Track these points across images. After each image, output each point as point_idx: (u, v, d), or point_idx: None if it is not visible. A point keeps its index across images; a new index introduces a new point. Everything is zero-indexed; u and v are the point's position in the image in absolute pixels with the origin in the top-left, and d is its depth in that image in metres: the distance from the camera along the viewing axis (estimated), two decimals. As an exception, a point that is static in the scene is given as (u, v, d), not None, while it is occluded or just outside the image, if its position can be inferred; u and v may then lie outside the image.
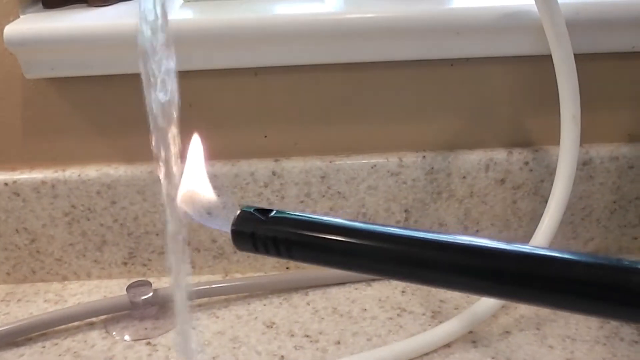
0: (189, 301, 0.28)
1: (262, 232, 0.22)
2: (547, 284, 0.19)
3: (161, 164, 0.25)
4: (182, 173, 0.25)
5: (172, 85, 0.25)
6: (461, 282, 0.21)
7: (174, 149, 0.25)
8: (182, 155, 0.26)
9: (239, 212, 0.23)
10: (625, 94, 0.47)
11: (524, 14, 0.42)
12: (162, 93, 0.25)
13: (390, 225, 0.22)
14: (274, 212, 0.22)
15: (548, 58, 0.41)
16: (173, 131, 0.25)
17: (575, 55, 0.41)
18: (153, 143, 0.25)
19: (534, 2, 0.40)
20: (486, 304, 0.44)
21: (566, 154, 0.42)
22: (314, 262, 0.23)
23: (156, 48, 0.24)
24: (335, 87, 0.46)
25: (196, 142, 0.26)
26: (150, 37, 0.24)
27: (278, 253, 0.22)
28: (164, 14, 0.24)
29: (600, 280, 0.18)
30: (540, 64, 0.44)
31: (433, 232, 0.21)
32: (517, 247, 0.20)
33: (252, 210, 0.23)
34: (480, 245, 0.20)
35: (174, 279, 0.28)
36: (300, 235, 0.22)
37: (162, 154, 0.25)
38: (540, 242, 0.43)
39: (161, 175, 0.25)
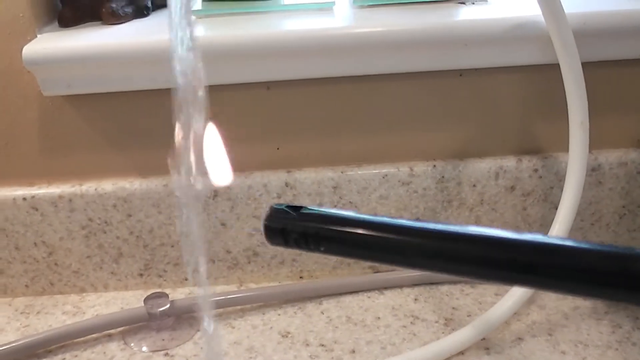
0: (210, 301, 0.29)
1: (293, 227, 0.23)
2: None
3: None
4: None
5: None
6: (484, 273, 0.21)
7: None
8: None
9: (270, 208, 0.24)
10: (633, 100, 0.48)
11: (531, 24, 0.43)
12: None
13: (414, 219, 0.23)
14: (304, 208, 0.23)
15: (556, 66, 0.41)
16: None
17: (583, 63, 0.42)
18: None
19: (540, 13, 0.40)
20: (499, 310, 0.44)
21: (575, 161, 0.43)
22: (342, 255, 0.24)
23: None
24: (346, 99, 0.47)
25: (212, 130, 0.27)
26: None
27: (308, 247, 0.23)
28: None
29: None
30: (549, 73, 0.45)
31: (454, 224, 0.22)
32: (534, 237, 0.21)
33: (283, 207, 0.24)
34: (501, 237, 0.21)
35: (194, 279, 0.28)
36: (329, 230, 0.23)
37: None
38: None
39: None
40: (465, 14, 0.44)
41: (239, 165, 0.49)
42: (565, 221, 0.44)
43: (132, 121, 0.47)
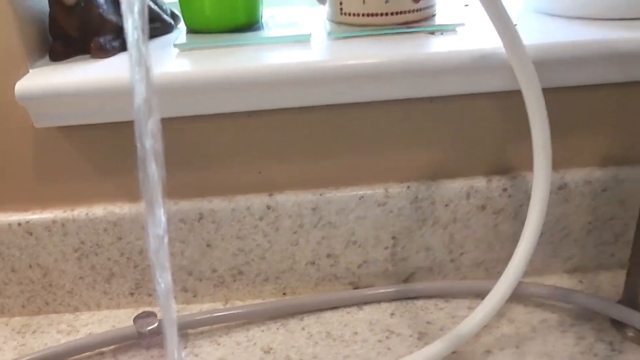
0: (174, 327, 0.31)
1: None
2: None
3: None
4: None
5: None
6: None
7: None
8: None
9: None
10: (597, 122, 0.50)
11: (496, 55, 0.45)
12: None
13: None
14: None
15: (521, 93, 0.44)
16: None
17: (548, 88, 0.45)
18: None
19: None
20: (469, 324, 0.47)
21: (539, 184, 0.45)
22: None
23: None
24: (323, 126, 0.49)
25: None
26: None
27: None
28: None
29: None
30: (514, 98, 0.47)
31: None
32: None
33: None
34: None
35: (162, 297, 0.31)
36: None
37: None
38: (518, 263, 0.46)
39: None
40: (434, 45, 0.47)
41: (223, 189, 0.51)
42: (531, 239, 0.46)
43: (120, 150, 0.49)
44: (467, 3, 0.57)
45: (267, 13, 0.57)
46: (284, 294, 0.55)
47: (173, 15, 0.55)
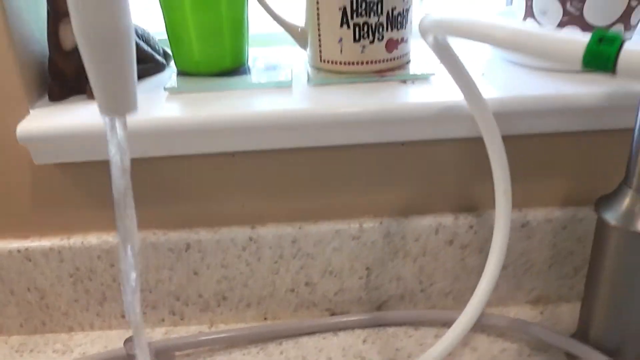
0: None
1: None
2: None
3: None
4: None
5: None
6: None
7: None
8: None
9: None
10: (557, 166, 0.54)
11: (461, 107, 0.49)
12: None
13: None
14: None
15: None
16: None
17: (511, 136, 0.49)
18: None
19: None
20: (434, 352, 0.51)
21: (500, 226, 0.49)
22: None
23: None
24: (303, 166, 0.53)
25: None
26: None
27: None
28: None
29: None
30: (480, 144, 0.51)
31: None
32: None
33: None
34: None
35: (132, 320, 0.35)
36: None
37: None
38: (480, 297, 0.50)
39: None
40: (406, 95, 0.50)
41: (209, 221, 0.55)
42: (492, 275, 0.50)
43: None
44: (442, 47, 0.61)
45: (254, 53, 0.60)
46: (265, 318, 0.58)
47: (165, 55, 0.59)
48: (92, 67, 0.29)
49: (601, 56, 0.28)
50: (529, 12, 0.55)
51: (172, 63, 0.60)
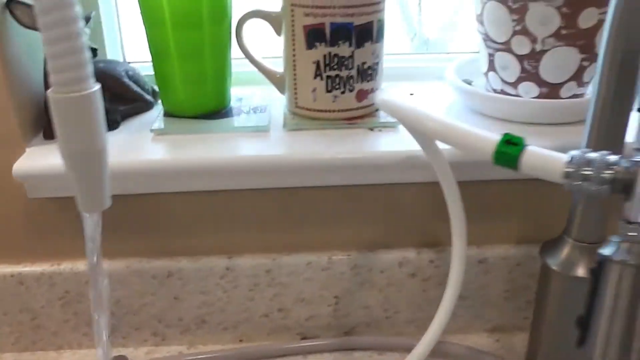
0: None
1: None
2: None
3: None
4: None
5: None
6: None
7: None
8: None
9: None
10: (512, 208, 0.59)
11: (422, 155, 0.53)
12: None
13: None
14: None
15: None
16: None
17: (469, 181, 0.53)
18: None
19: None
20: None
21: (456, 262, 0.53)
22: None
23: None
24: (277, 204, 0.57)
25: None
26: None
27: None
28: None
29: None
30: (439, 187, 0.55)
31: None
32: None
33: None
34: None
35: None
36: None
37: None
38: (438, 324, 0.54)
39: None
40: (373, 142, 0.55)
41: (189, 252, 0.59)
42: (448, 308, 0.54)
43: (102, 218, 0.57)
44: (413, 92, 0.65)
45: (240, 93, 0.64)
46: (240, 340, 0.63)
47: (154, 93, 0.63)
48: (72, 175, 0.35)
49: (507, 156, 0.33)
50: (492, 67, 0.59)
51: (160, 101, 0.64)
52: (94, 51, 0.52)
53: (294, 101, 0.58)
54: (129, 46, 0.72)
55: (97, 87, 0.35)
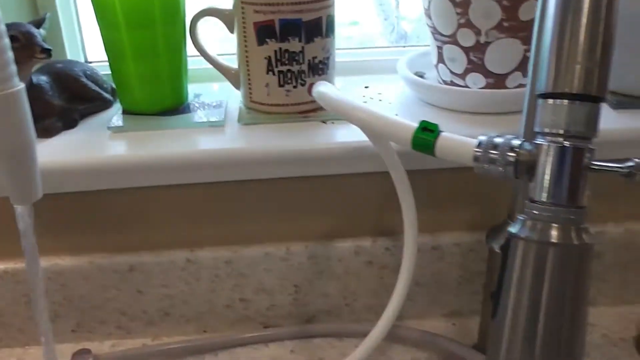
0: None
1: None
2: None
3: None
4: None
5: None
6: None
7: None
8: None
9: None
10: (463, 196, 0.61)
11: (372, 146, 0.55)
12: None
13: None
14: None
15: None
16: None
17: (422, 170, 0.55)
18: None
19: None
20: (352, 362, 0.57)
21: (408, 249, 0.55)
22: None
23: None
24: (235, 196, 0.59)
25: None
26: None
27: None
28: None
29: None
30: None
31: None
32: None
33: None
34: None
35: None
36: None
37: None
38: (392, 309, 0.56)
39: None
40: (326, 134, 0.57)
41: (152, 245, 0.61)
42: (401, 293, 0.56)
43: (63, 213, 0.59)
44: (368, 85, 0.67)
45: (198, 89, 0.66)
46: (204, 331, 0.64)
47: (113, 92, 0.65)
48: (3, 169, 0.37)
49: (424, 142, 0.35)
50: (441, 59, 0.61)
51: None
52: (49, 52, 0.53)
53: (248, 96, 0.60)
54: (92, 46, 0.73)
55: (21, 86, 0.36)
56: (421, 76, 0.65)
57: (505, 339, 0.32)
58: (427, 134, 0.35)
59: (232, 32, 0.58)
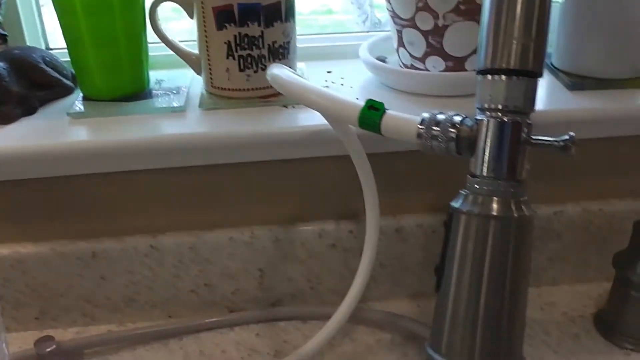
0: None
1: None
2: None
3: None
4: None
5: None
6: None
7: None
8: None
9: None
10: (424, 178, 0.61)
11: (332, 130, 0.55)
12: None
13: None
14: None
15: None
16: None
17: (382, 153, 0.56)
18: None
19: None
20: (314, 343, 0.57)
21: (370, 232, 0.56)
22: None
23: None
24: (197, 181, 0.59)
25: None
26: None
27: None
28: None
29: None
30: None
31: None
32: None
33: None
34: None
35: None
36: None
37: None
38: (355, 291, 0.57)
39: None
40: (287, 118, 0.57)
41: (114, 232, 0.61)
42: (364, 274, 0.57)
43: (25, 201, 0.58)
44: (331, 70, 0.68)
45: (159, 75, 0.66)
46: (169, 316, 0.65)
47: (74, 78, 0.64)
48: None
49: (370, 121, 0.35)
50: (400, 43, 0.62)
51: (80, 85, 0.65)
52: (4, 37, 0.52)
53: (209, 81, 0.60)
54: (55, 33, 0.72)
55: None
56: (383, 60, 0.66)
57: (449, 311, 0.33)
58: (372, 112, 0.35)
59: (191, 17, 0.58)
